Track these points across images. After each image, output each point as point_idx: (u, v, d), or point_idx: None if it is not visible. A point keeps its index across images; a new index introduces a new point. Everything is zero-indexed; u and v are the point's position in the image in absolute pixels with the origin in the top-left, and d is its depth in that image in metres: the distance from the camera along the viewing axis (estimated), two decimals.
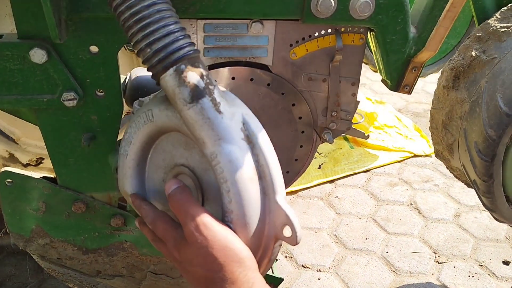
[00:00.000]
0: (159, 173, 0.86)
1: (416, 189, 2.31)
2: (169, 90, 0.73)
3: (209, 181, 0.77)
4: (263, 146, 0.74)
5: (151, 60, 0.73)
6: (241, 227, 0.71)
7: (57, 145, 1.00)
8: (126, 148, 0.86)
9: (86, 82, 0.93)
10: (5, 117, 1.75)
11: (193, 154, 0.79)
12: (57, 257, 1.19)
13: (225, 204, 0.72)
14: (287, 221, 0.71)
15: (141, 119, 0.82)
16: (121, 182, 0.90)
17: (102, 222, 1.13)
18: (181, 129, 0.76)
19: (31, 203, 1.09)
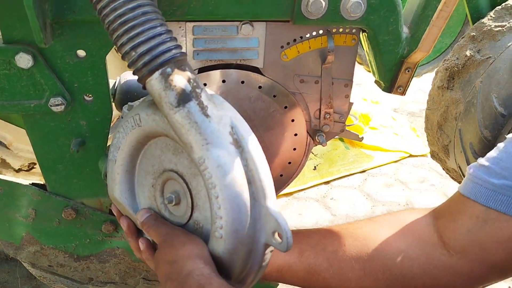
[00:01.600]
0: (149, 179, 0.84)
1: (412, 190, 2.30)
2: (155, 94, 0.71)
3: (197, 187, 0.75)
4: (252, 150, 0.71)
5: (136, 64, 0.71)
6: (230, 234, 0.69)
7: (45, 151, 0.99)
8: (115, 153, 0.84)
9: (74, 87, 0.92)
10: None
11: (181, 159, 0.77)
12: (48, 265, 1.17)
13: (214, 210, 0.70)
14: (277, 227, 0.69)
15: (129, 124, 0.80)
16: (110, 188, 0.88)
17: (93, 229, 1.12)
18: (169, 133, 0.74)
19: (20, 210, 1.07)
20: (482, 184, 0.82)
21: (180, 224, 0.80)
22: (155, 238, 0.81)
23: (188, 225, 0.79)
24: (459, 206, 0.87)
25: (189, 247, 0.73)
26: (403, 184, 2.35)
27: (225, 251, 0.71)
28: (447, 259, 0.86)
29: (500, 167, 0.80)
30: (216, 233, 0.71)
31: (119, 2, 0.70)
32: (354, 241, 0.92)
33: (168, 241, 0.77)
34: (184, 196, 0.78)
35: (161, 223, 0.82)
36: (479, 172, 0.83)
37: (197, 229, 0.77)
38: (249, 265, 0.73)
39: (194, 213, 0.77)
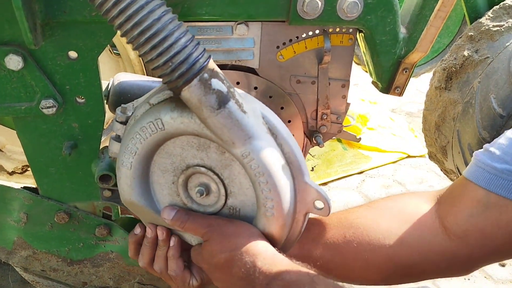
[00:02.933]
0: (168, 177, 0.86)
1: (411, 191, 2.28)
2: (194, 100, 0.74)
3: (231, 176, 0.82)
4: (284, 134, 0.79)
5: (172, 74, 0.72)
6: (281, 212, 0.79)
7: (37, 154, 0.97)
8: (130, 159, 0.84)
9: (66, 88, 0.90)
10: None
11: (209, 153, 0.82)
12: (41, 269, 1.15)
13: (263, 194, 0.78)
14: (319, 197, 0.80)
15: (148, 130, 0.81)
16: (125, 193, 0.88)
17: (87, 233, 1.10)
18: (201, 133, 0.78)
19: (12, 214, 1.05)
20: (485, 168, 0.82)
21: (212, 212, 0.87)
22: (196, 231, 0.85)
23: (222, 212, 0.86)
24: (461, 189, 0.87)
25: (244, 232, 0.81)
26: (402, 185, 2.33)
27: (276, 227, 0.81)
28: (448, 245, 0.86)
29: (503, 152, 0.81)
30: (267, 213, 0.80)
31: (143, 16, 0.70)
32: (355, 232, 0.92)
33: (216, 231, 0.83)
34: (214, 186, 0.84)
35: (195, 215, 0.86)
36: (483, 156, 0.84)
37: (233, 213, 0.86)
38: (291, 234, 0.84)
39: (229, 200, 0.84)
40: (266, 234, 0.82)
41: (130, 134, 0.83)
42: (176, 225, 0.86)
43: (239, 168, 0.81)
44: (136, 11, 0.70)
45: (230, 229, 0.83)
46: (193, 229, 0.85)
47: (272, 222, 0.81)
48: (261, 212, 0.81)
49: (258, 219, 0.83)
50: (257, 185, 0.79)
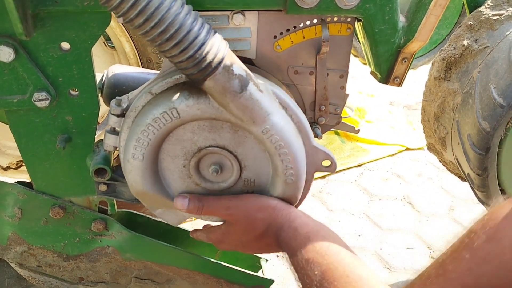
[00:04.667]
0: (178, 161, 0.90)
1: (409, 183, 2.27)
2: (218, 87, 0.77)
3: (244, 152, 0.89)
4: (293, 106, 0.88)
5: (198, 67, 0.75)
6: (299, 177, 0.89)
7: (30, 148, 0.95)
8: (142, 151, 0.86)
9: (59, 81, 0.88)
10: None
11: (222, 134, 0.87)
12: (36, 265, 1.14)
13: (284, 164, 0.87)
14: (326, 157, 0.93)
15: (161, 120, 0.84)
16: (138, 185, 0.90)
17: (83, 227, 1.09)
18: (219, 116, 0.83)
19: (6, 209, 1.04)
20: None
21: (226, 187, 0.93)
22: (215, 214, 0.93)
23: (237, 185, 0.94)
24: None
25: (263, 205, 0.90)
26: (400, 178, 2.32)
27: (295, 191, 0.91)
28: None
29: None
30: (287, 180, 0.89)
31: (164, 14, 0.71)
32: None
33: (239, 212, 0.90)
34: (227, 163, 0.91)
35: (208, 200, 0.92)
36: None
37: (249, 184, 0.94)
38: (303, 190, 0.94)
39: (243, 173, 0.92)
40: (286, 198, 0.92)
41: (140, 126, 0.85)
42: (193, 212, 0.92)
43: (253, 143, 0.88)
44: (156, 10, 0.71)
45: (250, 206, 0.91)
46: (211, 213, 0.92)
47: (292, 187, 0.90)
48: (281, 180, 0.89)
49: (276, 186, 0.91)
50: (277, 156, 0.86)
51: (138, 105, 0.89)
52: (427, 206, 2.10)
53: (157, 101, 0.85)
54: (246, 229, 0.91)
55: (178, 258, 1.18)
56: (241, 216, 0.90)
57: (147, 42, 0.79)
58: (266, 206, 0.90)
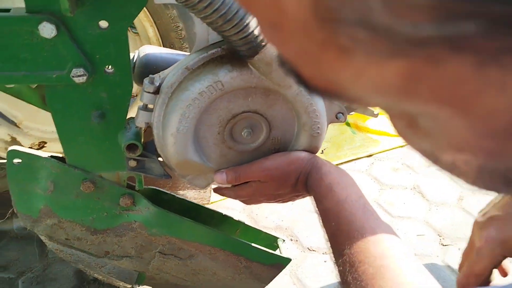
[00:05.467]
0: (214, 129, 0.98)
1: (419, 174, 2.31)
2: (267, 57, 0.85)
3: (274, 113, 0.99)
4: None
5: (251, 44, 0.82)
6: (323, 129, 1.00)
7: (65, 123, 0.99)
8: (186, 124, 0.93)
9: (96, 58, 0.92)
10: (7, 100, 1.73)
11: (255, 99, 0.96)
12: (65, 238, 1.18)
13: (312, 120, 0.98)
14: (340, 109, 1.03)
15: (207, 93, 0.91)
16: (180, 156, 0.97)
17: (111, 202, 1.13)
18: (259, 85, 0.92)
19: (39, 182, 1.08)
20: None
21: (256, 146, 1.02)
22: (252, 178, 1.01)
23: (266, 144, 1.03)
24: None
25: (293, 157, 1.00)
26: (410, 168, 2.35)
27: (319, 142, 1.02)
28: None
29: None
30: (314, 133, 1.00)
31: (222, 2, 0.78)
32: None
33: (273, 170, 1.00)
34: (258, 125, 1.00)
35: (242, 168, 1.02)
36: None
37: (276, 142, 1.03)
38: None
39: (272, 132, 1.01)
40: (311, 148, 1.03)
41: (184, 101, 0.91)
42: (232, 182, 1.02)
43: (282, 105, 0.98)
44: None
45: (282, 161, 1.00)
46: (248, 178, 1.02)
47: (316, 139, 1.02)
48: (308, 134, 1.00)
49: (301, 140, 1.02)
50: (306, 114, 0.97)
51: (174, 81, 0.93)
52: (437, 196, 2.13)
53: (198, 76, 0.91)
54: (280, 182, 1.00)
55: (202, 235, 1.22)
56: (275, 173, 0.99)
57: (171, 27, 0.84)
58: (296, 158, 1.00)
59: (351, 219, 0.85)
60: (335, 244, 0.85)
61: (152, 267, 1.27)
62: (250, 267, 1.33)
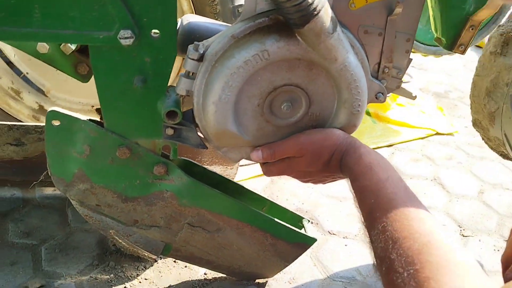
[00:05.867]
0: (254, 101, 0.98)
1: (439, 166, 2.29)
2: (317, 29, 0.86)
3: (314, 88, 0.99)
4: (358, 45, 0.99)
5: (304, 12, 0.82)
6: (363, 107, 1.01)
7: (107, 86, 0.99)
8: (229, 93, 0.94)
9: (143, 21, 0.91)
10: (37, 68, 1.74)
11: (297, 72, 0.96)
12: (96, 204, 1.18)
13: (353, 96, 0.99)
14: (380, 89, 1.05)
15: (252, 62, 0.91)
16: (220, 125, 0.98)
17: (145, 170, 1.13)
18: (304, 56, 0.92)
19: (76, 145, 1.08)
20: None
21: (294, 121, 1.03)
22: (287, 154, 1.03)
23: (303, 119, 1.03)
24: None
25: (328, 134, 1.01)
26: (430, 160, 2.34)
27: (359, 119, 1.04)
28: None
29: None
30: (354, 110, 1.01)
31: None
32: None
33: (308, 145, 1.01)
34: (298, 100, 1.00)
35: (276, 144, 1.03)
36: None
37: (313, 118, 1.04)
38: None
39: (311, 108, 1.02)
40: (349, 127, 1.04)
41: (229, 69, 0.92)
42: (268, 159, 1.04)
43: (323, 80, 0.98)
44: None
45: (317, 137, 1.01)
46: (283, 154, 1.03)
47: (356, 116, 1.03)
48: (348, 111, 1.01)
49: (340, 117, 1.03)
50: (348, 90, 0.98)
51: (219, 49, 0.93)
52: (457, 188, 2.12)
53: (245, 44, 0.90)
54: (313, 158, 1.01)
55: (231, 208, 1.22)
56: (310, 148, 1.01)
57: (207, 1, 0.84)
58: (331, 134, 1.01)
59: (392, 197, 0.84)
60: (373, 221, 0.84)
61: (179, 239, 1.27)
62: (276, 245, 1.34)
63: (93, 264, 1.51)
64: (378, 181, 0.89)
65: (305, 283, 1.53)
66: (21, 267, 1.47)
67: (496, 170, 2.31)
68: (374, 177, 0.90)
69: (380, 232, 0.80)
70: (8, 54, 1.68)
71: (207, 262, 1.37)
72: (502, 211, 1.99)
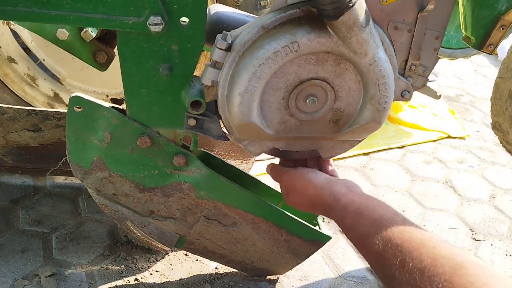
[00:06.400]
0: (279, 94, 0.98)
1: (451, 169, 2.28)
2: (350, 21, 0.85)
3: (342, 83, 0.98)
4: (388, 41, 0.98)
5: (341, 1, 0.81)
6: (389, 104, 0.99)
7: (132, 73, 0.98)
8: (255, 84, 0.93)
9: (173, 8, 0.90)
10: (53, 56, 1.73)
11: (325, 66, 0.95)
12: (113, 193, 1.17)
13: (380, 93, 0.97)
14: (406, 87, 1.03)
15: (281, 53, 0.90)
16: (245, 117, 0.97)
17: (164, 160, 1.12)
18: (334, 50, 0.91)
19: (96, 132, 1.07)
20: None
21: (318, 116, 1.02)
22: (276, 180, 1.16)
23: (327, 115, 1.03)
24: None
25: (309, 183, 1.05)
26: (442, 162, 2.33)
27: (384, 116, 1.02)
28: None
29: None
30: (380, 107, 0.99)
31: None
32: None
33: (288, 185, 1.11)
34: (323, 94, 0.99)
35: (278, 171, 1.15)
36: None
37: (338, 113, 1.03)
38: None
39: (336, 103, 1.01)
40: (374, 123, 1.03)
41: (258, 60, 0.90)
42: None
43: (351, 75, 0.97)
44: None
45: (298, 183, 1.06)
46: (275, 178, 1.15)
47: (382, 113, 1.01)
48: (374, 108, 1.00)
49: (366, 113, 1.01)
50: (376, 86, 0.96)
51: (248, 39, 0.92)
52: (469, 192, 2.11)
53: (275, 35, 0.89)
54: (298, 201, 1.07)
55: (248, 202, 1.21)
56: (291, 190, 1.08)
57: None
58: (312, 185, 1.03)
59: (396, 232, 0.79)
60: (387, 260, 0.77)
61: (194, 231, 1.26)
62: (290, 241, 1.32)
63: (104, 255, 1.50)
64: (373, 222, 0.84)
65: (317, 281, 1.52)
66: (31, 255, 1.46)
67: (508, 175, 2.30)
68: (368, 220, 0.85)
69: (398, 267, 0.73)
70: (26, 40, 1.67)
71: (220, 256, 1.36)
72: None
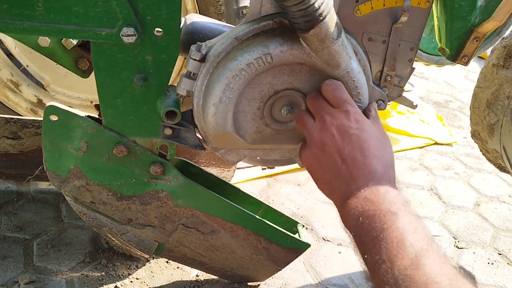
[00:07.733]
0: (254, 104, 0.98)
1: (437, 176, 2.29)
2: (322, 33, 0.85)
3: None
4: (361, 52, 0.99)
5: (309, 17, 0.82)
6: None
7: (107, 84, 0.98)
8: (229, 95, 0.94)
9: (147, 19, 0.91)
10: (37, 62, 1.72)
11: (299, 77, 0.96)
12: (90, 201, 1.17)
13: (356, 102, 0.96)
14: (381, 96, 1.04)
15: (255, 65, 0.91)
16: (220, 127, 0.98)
17: (141, 169, 1.12)
18: (307, 61, 0.92)
19: (73, 141, 1.07)
20: None
21: (294, 126, 1.01)
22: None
23: None
24: None
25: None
26: (428, 169, 2.34)
27: None
28: None
29: None
30: None
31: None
32: None
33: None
34: (298, 104, 1.00)
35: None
36: None
37: None
38: None
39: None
40: None
41: (231, 71, 0.91)
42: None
43: None
44: None
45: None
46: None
47: None
48: None
49: None
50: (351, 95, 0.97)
51: (221, 50, 0.92)
52: (454, 199, 2.12)
53: (248, 47, 0.90)
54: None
55: (226, 211, 1.21)
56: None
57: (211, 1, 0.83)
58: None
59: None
60: None
61: (173, 239, 1.26)
62: (269, 249, 1.33)
63: (85, 261, 1.49)
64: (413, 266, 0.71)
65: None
66: (12, 262, 1.46)
67: (493, 182, 2.31)
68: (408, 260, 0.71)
69: None
70: (9, 46, 1.67)
71: (199, 263, 1.37)
72: (498, 224, 1.99)
